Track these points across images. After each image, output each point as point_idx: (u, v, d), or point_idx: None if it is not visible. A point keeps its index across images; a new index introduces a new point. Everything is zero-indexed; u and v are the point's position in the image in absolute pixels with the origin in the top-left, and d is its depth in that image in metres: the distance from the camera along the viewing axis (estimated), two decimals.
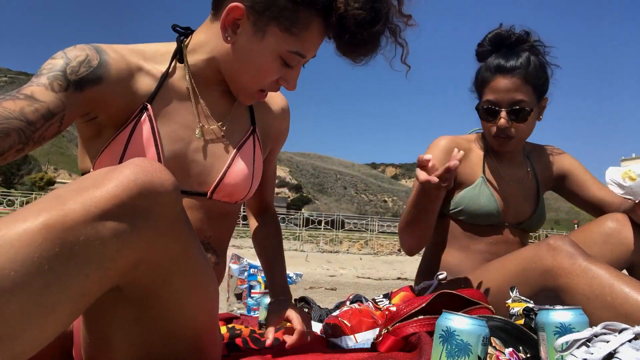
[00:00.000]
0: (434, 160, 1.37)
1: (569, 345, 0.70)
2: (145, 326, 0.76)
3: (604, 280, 1.09)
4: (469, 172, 1.55)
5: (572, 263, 1.14)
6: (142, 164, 0.64)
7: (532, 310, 0.98)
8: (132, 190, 0.60)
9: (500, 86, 1.45)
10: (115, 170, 0.62)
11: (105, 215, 0.58)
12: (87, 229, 0.56)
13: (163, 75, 0.97)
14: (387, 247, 15.61)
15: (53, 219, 0.55)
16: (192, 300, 0.78)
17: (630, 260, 1.41)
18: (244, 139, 1.06)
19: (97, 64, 0.87)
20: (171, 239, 0.68)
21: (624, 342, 0.64)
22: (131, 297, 0.71)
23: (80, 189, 0.59)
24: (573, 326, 0.79)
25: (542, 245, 1.22)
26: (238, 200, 1.06)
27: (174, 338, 0.79)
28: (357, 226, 22.53)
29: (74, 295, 0.57)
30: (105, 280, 0.61)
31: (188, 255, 0.73)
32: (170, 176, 0.66)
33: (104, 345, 0.79)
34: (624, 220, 1.41)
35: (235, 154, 1.03)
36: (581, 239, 1.48)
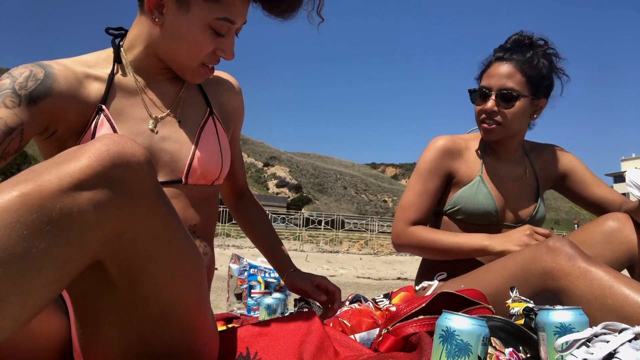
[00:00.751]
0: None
1: (569, 345, 0.70)
2: (134, 308, 0.76)
3: (604, 282, 1.08)
4: (466, 171, 1.55)
5: (571, 265, 1.14)
6: (112, 137, 0.66)
7: (532, 310, 0.97)
8: (105, 160, 0.62)
9: (495, 71, 1.49)
10: (88, 144, 0.64)
11: (80, 185, 0.60)
12: (63, 198, 0.58)
13: (110, 76, 1.00)
14: (387, 247, 15.61)
15: (29, 189, 0.57)
16: (180, 278, 0.78)
17: (631, 259, 1.41)
18: (203, 121, 1.09)
19: (43, 76, 0.90)
20: (150, 211, 0.69)
21: (624, 342, 0.64)
22: (117, 275, 0.72)
23: (55, 163, 0.62)
24: (573, 326, 0.79)
25: (541, 247, 1.22)
26: (214, 181, 1.09)
27: (165, 318, 0.79)
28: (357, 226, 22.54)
29: (56, 261, 0.58)
30: (87, 248, 0.63)
31: (170, 230, 0.75)
32: (141, 148, 0.68)
33: (96, 333, 0.80)
34: (625, 220, 1.41)
35: (198, 136, 1.06)
36: (582, 239, 1.48)
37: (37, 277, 0.57)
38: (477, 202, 1.51)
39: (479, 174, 1.55)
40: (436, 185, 1.54)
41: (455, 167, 1.56)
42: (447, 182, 1.57)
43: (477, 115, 1.54)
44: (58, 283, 0.61)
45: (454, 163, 1.56)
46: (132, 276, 0.73)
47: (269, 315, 1.71)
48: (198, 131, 1.07)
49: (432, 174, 1.53)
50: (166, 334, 0.81)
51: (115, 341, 0.79)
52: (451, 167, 1.55)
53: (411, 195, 1.54)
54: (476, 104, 1.54)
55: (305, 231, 17.52)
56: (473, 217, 1.52)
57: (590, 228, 1.47)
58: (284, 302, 1.84)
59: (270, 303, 1.72)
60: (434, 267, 1.57)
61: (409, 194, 1.55)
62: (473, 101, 1.55)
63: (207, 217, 1.09)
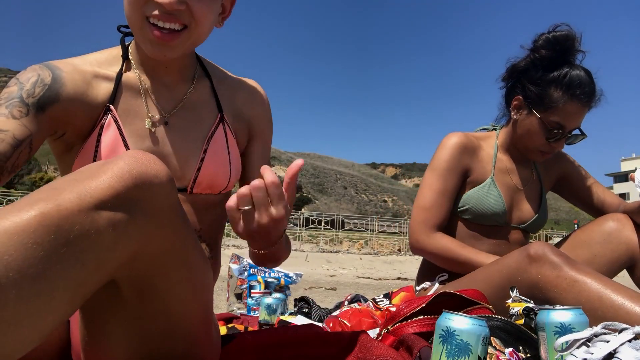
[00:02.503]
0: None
1: (569, 345, 0.70)
2: (142, 322, 0.75)
3: (592, 294, 1.05)
4: (480, 170, 1.54)
5: (556, 275, 1.10)
6: (136, 155, 0.65)
7: (532, 310, 0.98)
8: (127, 181, 0.61)
9: (573, 112, 1.43)
10: (110, 162, 0.63)
11: (100, 206, 0.59)
12: (82, 218, 0.57)
13: (118, 75, 0.97)
14: (387, 247, 15.61)
15: (48, 208, 0.55)
16: (189, 294, 0.77)
17: (631, 259, 1.41)
18: (213, 128, 1.03)
19: (51, 80, 0.88)
20: (168, 231, 0.68)
21: (624, 342, 0.64)
22: (128, 291, 0.71)
23: (76, 180, 0.60)
24: (573, 326, 0.79)
25: (522, 255, 1.18)
26: (221, 190, 1.04)
27: (172, 333, 0.78)
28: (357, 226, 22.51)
29: (71, 284, 0.57)
30: (103, 270, 0.62)
31: (185, 248, 0.73)
32: (164, 167, 0.66)
33: (102, 342, 0.79)
34: (624, 220, 1.42)
35: (207, 145, 1.00)
36: (582, 239, 1.48)
37: (50, 300, 0.55)
38: (487, 204, 1.50)
39: (490, 176, 1.54)
40: (455, 183, 1.50)
41: (471, 165, 1.53)
42: (463, 180, 1.54)
43: (533, 143, 1.49)
44: (71, 305, 0.60)
45: (470, 160, 1.53)
46: (143, 292, 0.72)
47: (269, 316, 1.71)
48: (207, 140, 1.01)
49: (451, 171, 1.49)
50: (171, 348, 0.80)
51: (120, 352, 0.79)
52: (468, 165, 1.53)
53: (431, 194, 1.48)
54: (546, 138, 1.46)
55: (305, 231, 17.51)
56: (481, 217, 1.52)
57: (590, 228, 1.48)
58: (284, 302, 1.84)
59: (270, 303, 1.72)
60: (434, 268, 1.57)
61: (428, 193, 1.48)
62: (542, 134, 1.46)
63: (213, 222, 1.06)
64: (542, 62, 1.45)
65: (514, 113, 1.54)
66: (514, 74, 1.54)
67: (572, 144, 1.52)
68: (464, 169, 1.52)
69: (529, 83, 1.47)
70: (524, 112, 1.50)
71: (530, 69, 1.48)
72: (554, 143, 1.46)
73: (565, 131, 1.44)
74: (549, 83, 1.43)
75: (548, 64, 1.45)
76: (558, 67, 1.44)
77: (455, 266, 1.45)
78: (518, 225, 1.56)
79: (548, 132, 1.44)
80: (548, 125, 1.44)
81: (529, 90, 1.47)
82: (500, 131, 1.62)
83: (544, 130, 1.45)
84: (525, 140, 1.51)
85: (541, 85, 1.44)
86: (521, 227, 1.57)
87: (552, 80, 1.43)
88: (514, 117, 1.54)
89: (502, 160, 1.58)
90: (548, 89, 1.43)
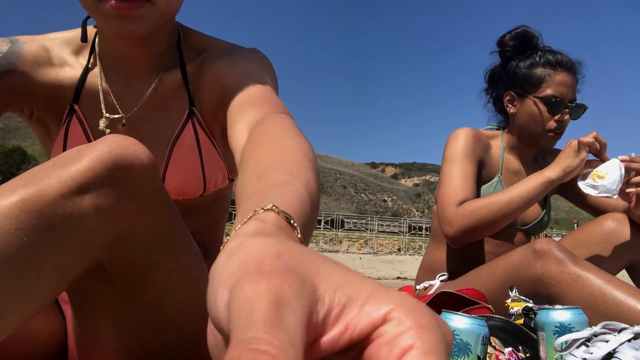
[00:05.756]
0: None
1: (569, 345, 0.71)
2: (133, 313, 0.75)
3: (595, 289, 1.07)
4: (489, 167, 1.54)
5: (560, 271, 1.12)
6: (116, 138, 0.64)
7: (531, 310, 0.98)
8: (107, 162, 0.60)
9: (562, 81, 1.46)
10: (90, 146, 0.62)
11: (82, 189, 0.58)
12: (65, 202, 0.57)
13: (85, 69, 0.90)
14: (387, 247, 15.62)
15: (29, 193, 0.55)
16: (182, 287, 0.76)
17: (630, 259, 1.42)
18: (179, 129, 0.91)
19: (7, 50, 0.84)
20: (153, 214, 0.67)
21: (624, 342, 0.64)
22: (117, 277, 0.70)
23: (56, 165, 0.59)
24: (572, 326, 0.79)
25: (528, 251, 1.19)
26: (197, 196, 0.95)
27: (164, 326, 0.77)
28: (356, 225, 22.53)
29: (56, 268, 0.57)
30: (88, 253, 0.61)
31: (174, 236, 0.72)
32: (145, 150, 0.65)
33: (93, 333, 0.78)
34: (623, 220, 1.42)
35: (170, 150, 0.90)
36: (582, 238, 1.48)
37: (35, 285, 0.56)
38: None
39: (498, 174, 1.54)
40: (474, 169, 1.44)
41: (484, 158, 1.52)
42: (480, 171, 1.51)
43: (539, 125, 1.49)
44: (56, 289, 0.60)
45: (483, 153, 1.52)
46: (133, 281, 0.71)
47: None
48: (170, 144, 0.90)
49: (468, 158, 1.44)
50: (165, 342, 0.79)
51: (112, 343, 0.78)
52: (482, 156, 1.51)
53: (451, 180, 1.41)
54: (550, 114, 1.47)
55: None
56: None
57: (590, 228, 1.48)
58: None
59: None
60: (435, 267, 1.57)
61: (448, 180, 1.42)
62: (546, 111, 1.47)
63: (208, 223, 1.03)
64: (514, 54, 1.55)
65: (509, 108, 1.56)
66: (494, 77, 1.64)
67: (578, 117, 1.51)
68: (479, 159, 1.49)
69: (511, 76, 1.54)
70: (519, 102, 1.53)
71: (505, 65, 1.58)
72: (559, 117, 1.47)
73: (564, 100, 1.45)
74: (529, 67, 1.51)
75: (519, 53, 1.54)
76: (529, 53, 1.53)
77: (503, 215, 1.32)
78: (522, 226, 1.56)
79: (548, 105, 1.46)
80: (545, 99, 1.46)
81: (514, 81, 1.54)
82: (503, 134, 1.62)
83: (544, 105, 1.47)
84: (531, 127, 1.51)
85: (523, 71, 1.51)
86: (524, 229, 1.57)
87: (531, 64, 1.51)
88: (511, 112, 1.55)
89: (509, 160, 1.58)
90: (530, 71, 1.50)
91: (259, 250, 0.24)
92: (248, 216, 0.33)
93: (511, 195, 1.33)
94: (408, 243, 16.46)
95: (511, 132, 1.58)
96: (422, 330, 0.21)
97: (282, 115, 0.66)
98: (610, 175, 1.27)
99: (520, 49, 1.54)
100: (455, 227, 1.34)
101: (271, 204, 0.34)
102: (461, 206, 1.35)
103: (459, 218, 1.33)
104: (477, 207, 1.32)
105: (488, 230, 1.35)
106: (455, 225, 1.34)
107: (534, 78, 1.49)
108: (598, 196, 1.30)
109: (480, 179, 1.51)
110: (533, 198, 1.33)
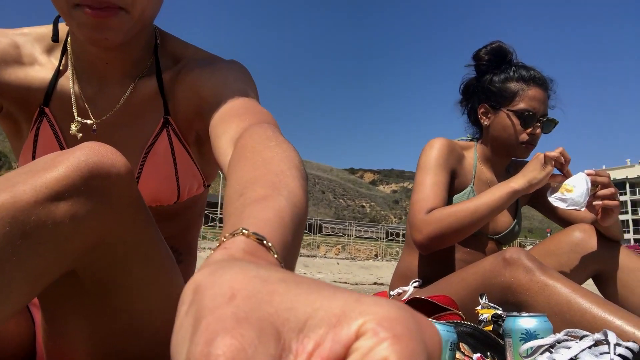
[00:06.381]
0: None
1: (533, 351, 0.73)
2: (104, 318, 0.74)
3: (562, 298, 1.10)
4: (462, 177, 1.57)
5: (529, 279, 1.14)
6: (93, 146, 0.63)
7: (500, 317, 1.00)
8: (83, 170, 0.60)
9: (535, 96, 1.51)
10: (67, 153, 0.61)
11: (57, 196, 0.58)
12: (39, 209, 0.56)
13: (56, 70, 0.88)
14: (364, 252, 15.69)
15: (2, 200, 0.54)
16: (155, 292, 0.76)
17: (596, 268, 1.46)
18: (153, 137, 0.90)
19: None
20: (129, 223, 0.67)
21: (585, 349, 0.67)
22: (89, 284, 0.70)
23: (32, 172, 0.59)
24: (538, 333, 0.81)
25: (498, 259, 1.22)
26: (171, 203, 0.94)
27: (137, 331, 0.77)
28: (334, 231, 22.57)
29: (28, 275, 0.57)
30: (61, 261, 0.61)
31: (147, 242, 0.72)
32: (122, 158, 0.65)
33: (63, 337, 0.78)
34: (590, 231, 1.47)
35: (144, 158, 0.89)
36: (551, 248, 1.52)
37: (6, 291, 0.55)
38: None
39: (470, 184, 1.57)
40: (446, 178, 1.48)
41: (457, 169, 1.56)
42: (452, 180, 1.54)
43: (513, 137, 1.53)
44: (28, 296, 0.60)
45: (456, 164, 1.56)
46: (105, 286, 0.71)
47: None
48: (144, 152, 0.89)
49: (440, 167, 1.48)
50: (137, 348, 0.78)
51: (83, 349, 0.77)
52: (455, 167, 1.55)
53: (422, 188, 1.45)
54: (523, 127, 1.52)
55: None
56: None
57: (558, 238, 1.52)
58: None
59: None
60: (409, 274, 1.59)
61: (420, 188, 1.46)
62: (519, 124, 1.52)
63: (183, 229, 1.02)
64: (489, 68, 1.60)
65: (483, 120, 1.60)
66: (469, 90, 1.68)
67: (549, 131, 1.57)
68: (452, 168, 1.53)
69: (486, 89, 1.59)
70: (493, 114, 1.57)
71: (480, 78, 1.62)
72: (531, 130, 1.51)
73: (536, 114, 1.50)
74: (503, 81, 1.56)
75: (494, 67, 1.59)
76: (504, 67, 1.58)
77: (469, 223, 1.36)
78: (493, 235, 1.60)
79: (521, 119, 1.51)
80: (518, 113, 1.51)
81: (488, 94, 1.58)
82: (477, 145, 1.66)
83: (517, 118, 1.52)
84: (504, 139, 1.55)
85: (497, 85, 1.56)
86: (495, 238, 1.60)
87: (505, 78, 1.56)
88: (485, 124, 1.59)
89: (482, 170, 1.62)
90: (504, 85, 1.55)
91: (212, 300, 0.22)
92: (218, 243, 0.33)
93: (477, 204, 1.37)
94: (385, 249, 16.57)
95: (485, 143, 1.62)
96: (398, 340, 0.20)
97: (264, 125, 0.66)
98: (578, 189, 1.32)
99: (495, 63, 1.59)
100: (423, 234, 1.38)
101: (241, 227, 0.34)
102: (430, 214, 1.38)
103: (427, 225, 1.37)
104: (444, 215, 1.37)
105: (455, 237, 1.39)
106: (423, 232, 1.37)
107: (508, 92, 1.53)
108: (567, 209, 1.34)
109: (453, 189, 1.54)
110: (498, 207, 1.38)
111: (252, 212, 0.39)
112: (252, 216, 0.38)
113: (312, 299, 0.22)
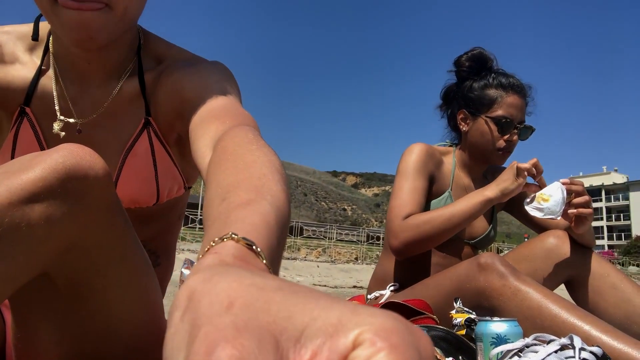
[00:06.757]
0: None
1: (503, 355, 0.75)
2: (77, 321, 0.73)
3: (533, 303, 1.12)
4: (440, 182, 1.59)
5: (502, 284, 1.16)
6: (71, 147, 0.62)
7: (473, 321, 1.02)
8: (60, 172, 0.59)
9: (512, 103, 1.54)
10: (44, 154, 0.61)
11: (32, 198, 0.57)
12: (13, 211, 0.55)
13: (38, 68, 0.87)
14: (345, 255, 15.72)
15: None
16: (130, 296, 0.75)
17: (569, 274, 1.50)
18: (133, 138, 0.89)
19: None
20: (105, 225, 0.66)
21: (551, 353, 0.69)
22: (63, 287, 0.69)
23: (7, 173, 0.58)
24: (508, 337, 0.83)
25: (473, 264, 1.24)
26: (150, 204, 0.94)
27: (111, 335, 0.76)
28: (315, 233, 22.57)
29: (1, 277, 0.56)
30: (34, 263, 0.60)
31: (124, 246, 0.71)
32: (101, 161, 0.64)
33: (33, 341, 0.76)
34: (564, 237, 1.50)
35: (123, 159, 0.89)
36: (525, 254, 1.56)
37: None
38: None
39: (448, 190, 1.59)
40: (424, 184, 1.50)
41: (435, 174, 1.57)
42: (430, 186, 1.56)
43: (490, 144, 1.56)
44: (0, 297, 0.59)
45: (435, 169, 1.57)
46: (78, 289, 0.70)
47: None
48: (124, 153, 0.89)
49: (419, 172, 1.50)
50: (111, 352, 0.77)
51: (54, 352, 0.76)
52: (433, 172, 1.56)
53: (401, 194, 1.47)
54: (500, 134, 1.54)
55: None
56: None
57: (533, 244, 1.56)
58: None
59: None
60: (386, 277, 1.60)
61: (398, 193, 1.48)
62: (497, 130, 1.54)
63: (161, 230, 1.02)
64: (469, 74, 1.62)
65: (462, 126, 1.63)
66: (449, 96, 1.71)
67: (526, 138, 1.60)
68: (430, 173, 1.55)
69: (465, 95, 1.62)
70: (471, 120, 1.60)
71: (460, 84, 1.65)
72: (507, 137, 1.54)
73: (513, 122, 1.53)
74: (482, 88, 1.59)
75: (475, 74, 1.62)
76: (484, 74, 1.61)
77: (444, 229, 1.39)
78: (469, 240, 1.62)
79: (498, 125, 1.54)
80: (496, 119, 1.54)
81: (467, 100, 1.61)
82: (456, 150, 1.68)
83: (494, 125, 1.54)
84: (482, 145, 1.58)
85: (476, 92, 1.59)
86: (471, 243, 1.63)
87: (484, 85, 1.59)
88: (463, 130, 1.62)
89: (459, 176, 1.64)
90: (483, 92, 1.58)
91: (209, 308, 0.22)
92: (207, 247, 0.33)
93: (453, 211, 1.40)
94: (366, 252, 16.63)
95: (463, 149, 1.65)
96: (395, 349, 0.20)
97: (244, 127, 0.65)
98: (554, 198, 1.35)
99: (476, 69, 1.62)
100: (399, 239, 1.40)
101: (230, 231, 0.34)
102: (407, 219, 1.41)
103: (403, 231, 1.39)
104: (421, 222, 1.39)
105: (431, 243, 1.42)
106: (399, 237, 1.40)
107: (487, 99, 1.56)
108: (544, 218, 1.37)
109: (431, 194, 1.56)
110: (473, 215, 1.41)
111: (239, 216, 0.39)
112: (239, 220, 0.38)
113: (309, 308, 0.22)
